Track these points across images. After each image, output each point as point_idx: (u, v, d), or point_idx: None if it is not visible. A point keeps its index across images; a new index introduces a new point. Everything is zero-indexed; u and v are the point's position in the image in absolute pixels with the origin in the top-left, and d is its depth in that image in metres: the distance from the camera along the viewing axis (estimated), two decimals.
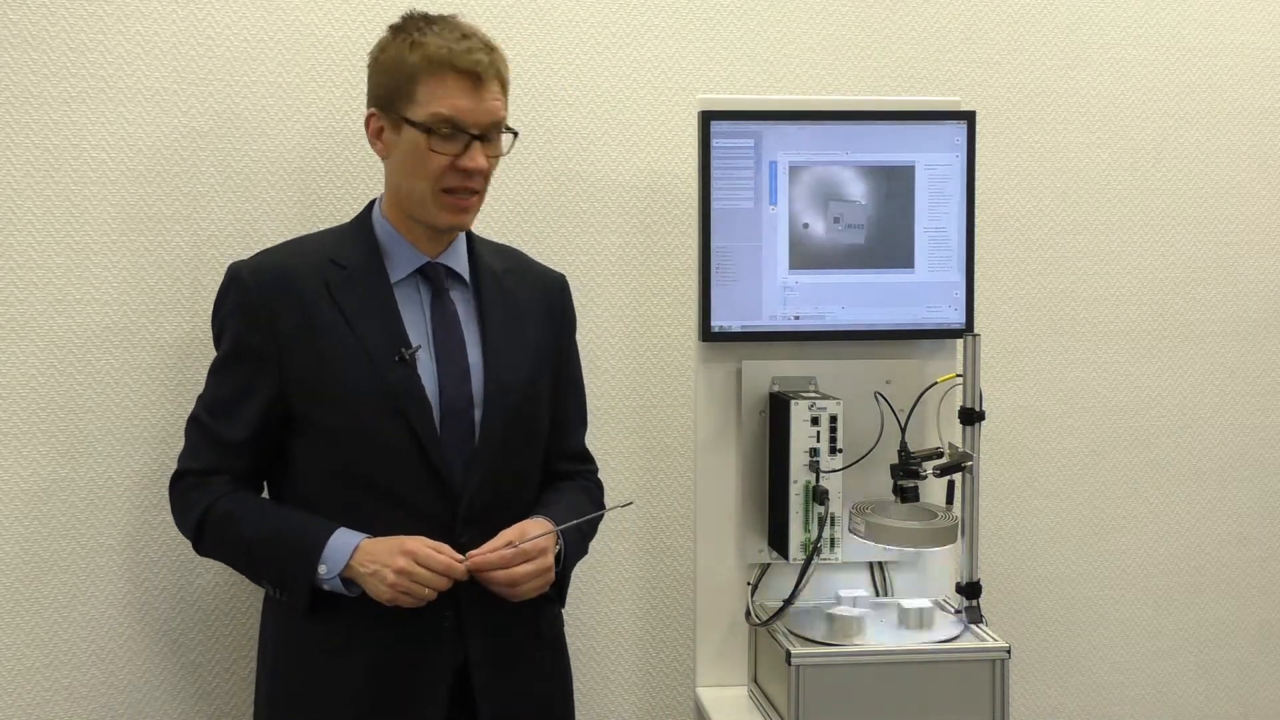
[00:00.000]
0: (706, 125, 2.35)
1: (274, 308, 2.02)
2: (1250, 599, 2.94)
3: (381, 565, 1.94)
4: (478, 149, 2.02)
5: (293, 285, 2.03)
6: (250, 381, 2.03)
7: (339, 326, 2.02)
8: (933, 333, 2.43)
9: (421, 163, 2.01)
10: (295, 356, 2.01)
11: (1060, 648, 2.86)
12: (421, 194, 2.03)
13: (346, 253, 2.07)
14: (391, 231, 2.09)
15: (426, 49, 1.99)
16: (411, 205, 2.06)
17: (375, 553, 1.96)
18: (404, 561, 1.93)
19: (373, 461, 2.01)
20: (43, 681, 2.35)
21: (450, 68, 1.99)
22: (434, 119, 2.00)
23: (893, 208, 2.40)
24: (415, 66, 2.00)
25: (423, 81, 2.00)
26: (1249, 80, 2.87)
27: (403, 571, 1.93)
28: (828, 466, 2.28)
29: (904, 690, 2.17)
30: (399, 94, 2.01)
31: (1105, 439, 2.86)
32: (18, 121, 2.30)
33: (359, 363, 2.00)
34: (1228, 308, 2.90)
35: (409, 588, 1.93)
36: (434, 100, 1.99)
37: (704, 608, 2.44)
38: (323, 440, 2.03)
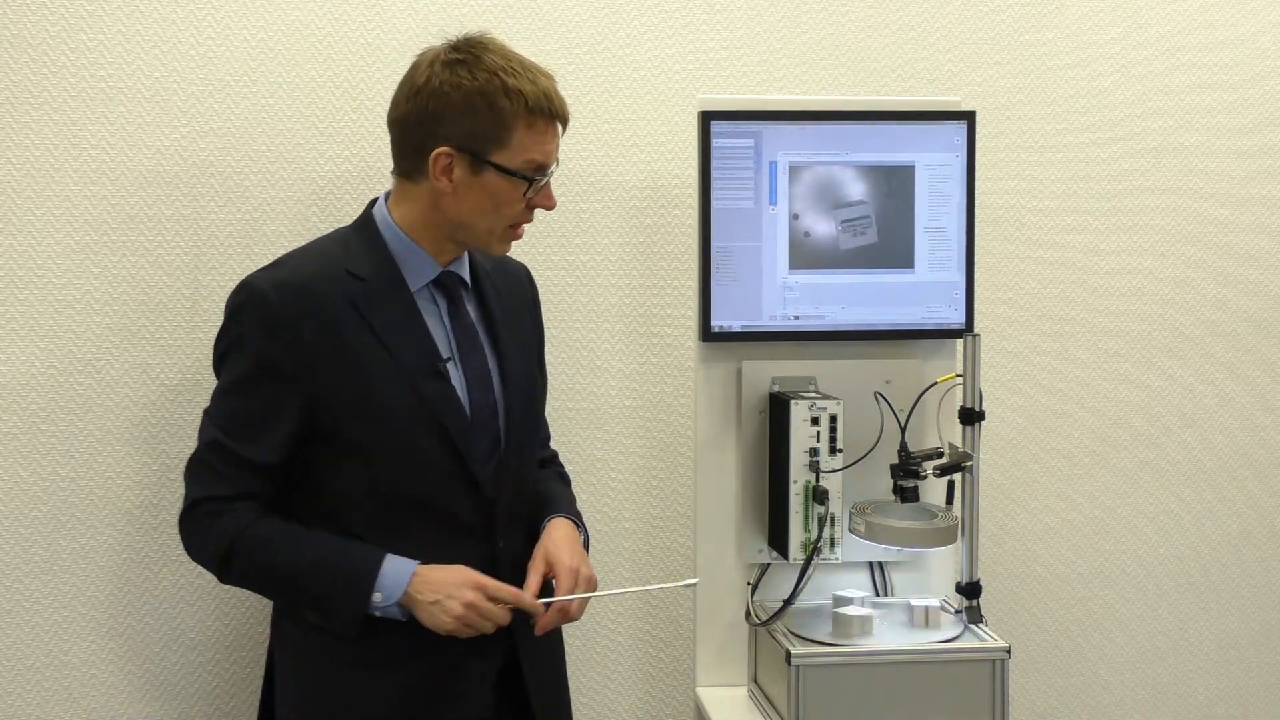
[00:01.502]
0: (706, 125, 2.35)
1: (299, 324, 1.93)
2: (1250, 599, 2.94)
3: (446, 596, 1.92)
4: (550, 188, 2.02)
5: (316, 300, 1.95)
6: (277, 401, 1.95)
7: (368, 341, 1.96)
8: (933, 333, 2.43)
9: (504, 206, 1.99)
10: (324, 374, 1.94)
11: (1060, 648, 2.86)
12: (489, 229, 2.01)
13: (361, 263, 2.00)
14: (406, 241, 2.02)
15: (525, 97, 1.94)
16: (472, 237, 2.02)
17: (436, 582, 1.94)
18: (473, 595, 1.92)
19: (413, 477, 1.98)
20: (43, 681, 2.35)
21: (545, 114, 1.97)
22: (530, 167, 1.97)
23: (893, 208, 2.40)
24: (514, 115, 1.95)
25: (519, 130, 1.95)
26: (1249, 80, 2.87)
27: (472, 605, 1.92)
28: (828, 466, 2.28)
29: (904, 690, 2.17)
30: (488, 139, 1.95)
31: (1105, 439, 2.86)
32: (18, 121, 2.30)
33: (393, 378, 1.96)
34: (1228, 308, 2.90)
35: (475, 621, 1.93)
36: (530, 148, 1.96)
37: (704, 608, 2.44)
38: (359, 459, 1.97)
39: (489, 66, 1.95)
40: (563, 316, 2.56)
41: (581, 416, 2.60)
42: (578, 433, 2.59)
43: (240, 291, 1.98)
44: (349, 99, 2.46)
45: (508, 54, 1.99)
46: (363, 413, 1.95)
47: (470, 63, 1.96)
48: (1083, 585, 2.86)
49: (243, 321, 1.96)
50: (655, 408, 2.64)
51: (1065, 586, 2.86)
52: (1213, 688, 2.93)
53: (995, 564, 2.76)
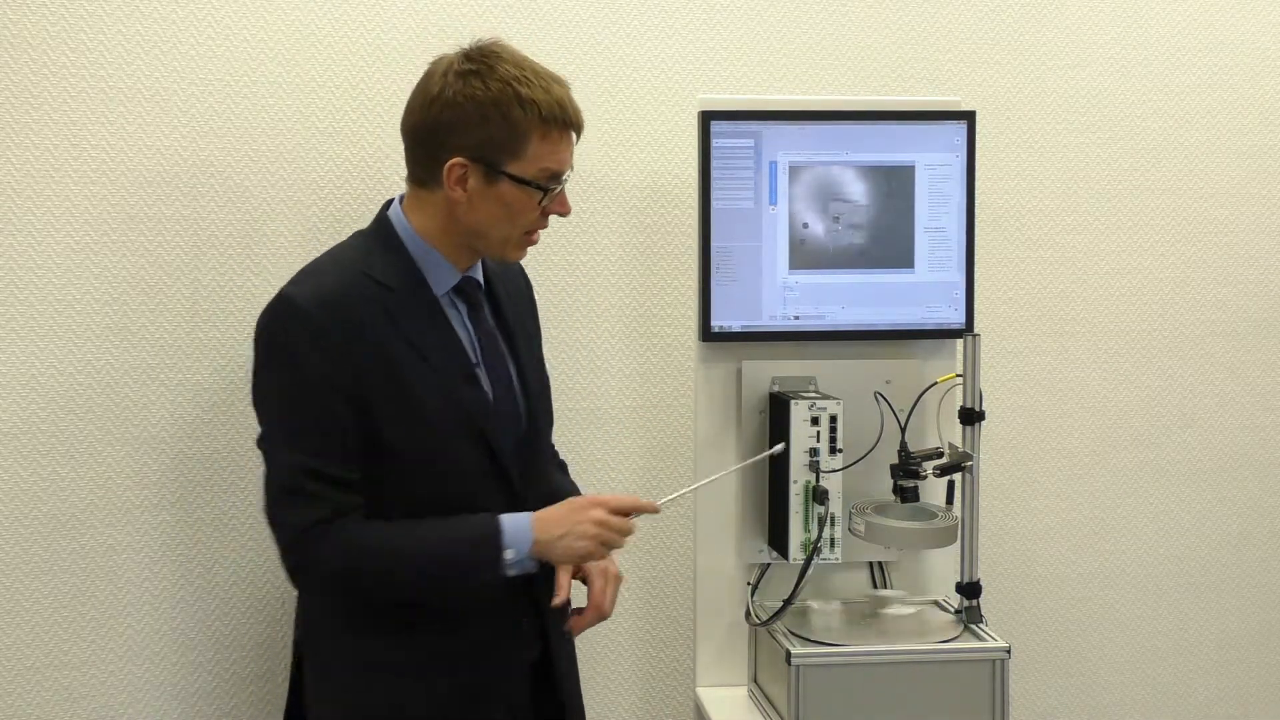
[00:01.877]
0: (706, 125, 2.35)
1: (344, 336, 1.91)
2: (1250, 599, 2.94)
3: (573, 525, 1.96)
4: (565, 194, 2.03)
5: (354, 313, 1.93)
6: (339, 415, 1.92)
7: (403, 349, 1.96)
8: (933, 333, 2.43)
9: (519, 214, 1.99)
10: (369, 383, 1.93)
11: (1060, 648, 2.86)
12: (504, 238, 2.01)
13: (387, 272, 1.99)
14: (427, 248, 2.02)
15: (539, 106, 1.94)
16: (488, 246, 2.03)
17: (556, 518, 1.97)
18: (599, 513, 1.97)
19: (453, 479, 1.99)
20: (43, 681, 2.35)
21: (561, 124, 1.97)
22: (544, 176, 1.97)
23: (893, 208, 2.40)
24: (528, 125, 1.94)
25: (534, 139, 1.95)
26: (1249, 80, 2.87)
27: (602, 523, 1.97)
28: (828, 466, 2.28)
29: (904, 690, 2.17)
30: (503, 149, 1.95)
31: (1105, 439, 2.86)
32: (18, 121, 2.30)
33: (430, 384, 1.96)
34: (1228, 308, 2.90)
35: (610, 537, 1.98)
36: (544, 157, 1.96)
37: (704, 608, 2.44)
38: (400, 464, 1.96)
39: (502, 76, 1.94)
40: (563, 316, 2.56)
41: (581, 416, 2.60)
42: (578, 433, 2.59)
43: (280, 311, 1.94)
44: (349, 99, 2.46)
45: (521, 62, 1.98)
46: (405, 419, 1.95)
47: (484, 72, 1.95)
48: (1083, 585, 2.86)
49: (290, 341, 1.93)
50: (655, 408, 2.64)
51: (1065, 586, 2.86)
52: (1213, 688, 2.93)
53: (995, 564, 2.76)
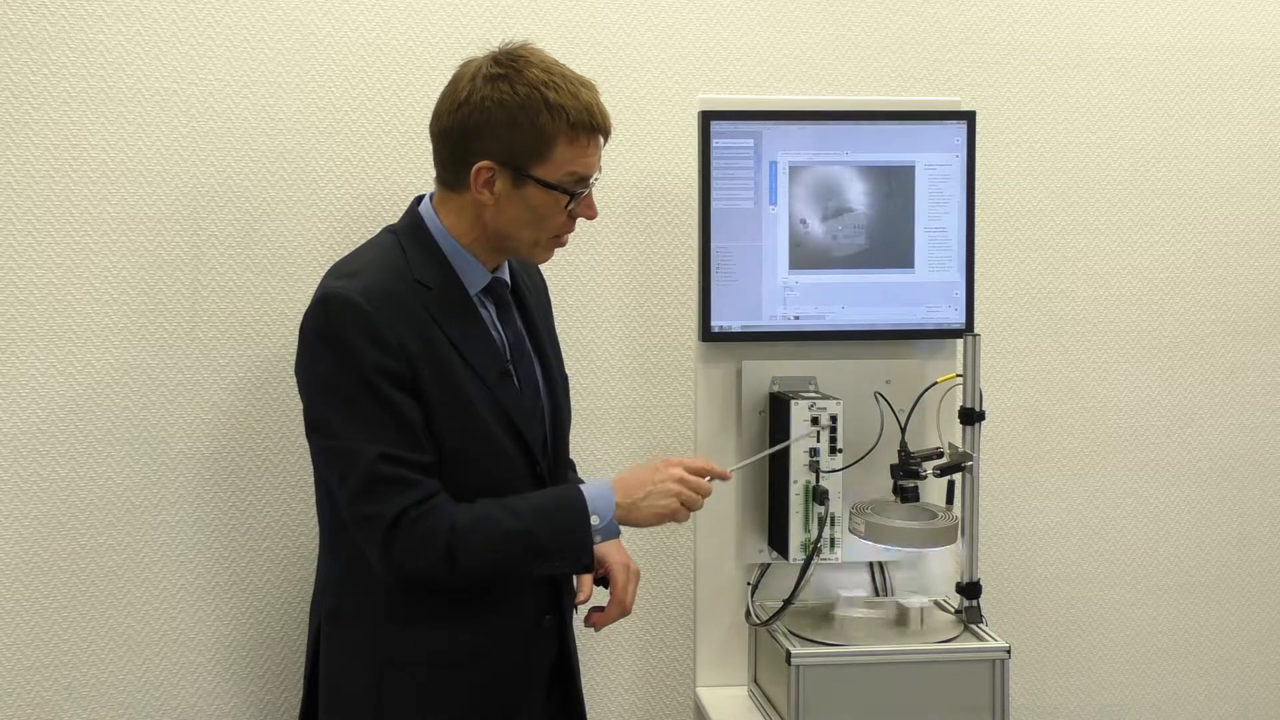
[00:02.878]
0: (706, 125, 2.35)
1: (399, 332, 1.93)
2: (1250, 599, 2.94)
3: (652, 486, 1.99)
4: (591, 197, 2.04)
5: (403, 309, 1.95)
6: (407, 406, 1.93)
7: (449, 349, 1.98)
8: (933, 333, 2.43)
9: (546, 218, 2.00)
10: (424, 379, 1.95)
11: (1060, 648, 2.87)
12: (533, 240, 2.02)
13: (425, 272, 2.00)
14: (460, 249, 2.03)
15: (567, 113, 1.95)
16: (516, 248, 2.04)
17: (634, 480, 2.01)
18: (677, 470, 2.00)
19: (495, 475, 2.00)
20: (43, 681, 2.35)
21: (589, 129, 1.98)
22: (570, 180, 1.98)
23: (893, 208, 2.40)
24: (556, 130, 1.95)
25: (562, 144, 1.96)
26: (1249, 80, 2.87)
27: (681, 480, 2.00)
28: (828, 466, 2.28)
29: (904, 690, 2.17)
30: (531, 154, 1.96)
31: (1105, 439, 2.86)
32: (18, 121, 2.30)
33: (477, 384, 1.99)
34: (1228, 308, 2.90)
35: (690, 497, 2.01)
36: (572, 162, 1.97)
37: (704, 608, 2.44)
38: (450, 459, 1.97)
39: (530, 80, 1.95)
40: (563, 316, 2.54)
41: (581, 416, 2.59)
42: (578, 433, 2.57)
43: (332, 306, 1.94)
44: (349, 99, 2.46)
45: (550, 66, 1.98)
46: (452, 413, 1.97)
47: (512, 77, 1.95)
48: (1083, 585, 2.86)
49: (348, 335, 1.92)
50: (655, 408, 2.64)
51: (1065, 586, 2.86)
52: (1213, 688, 2.93)
53: (995, 564, 2.76)
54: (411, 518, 1.91)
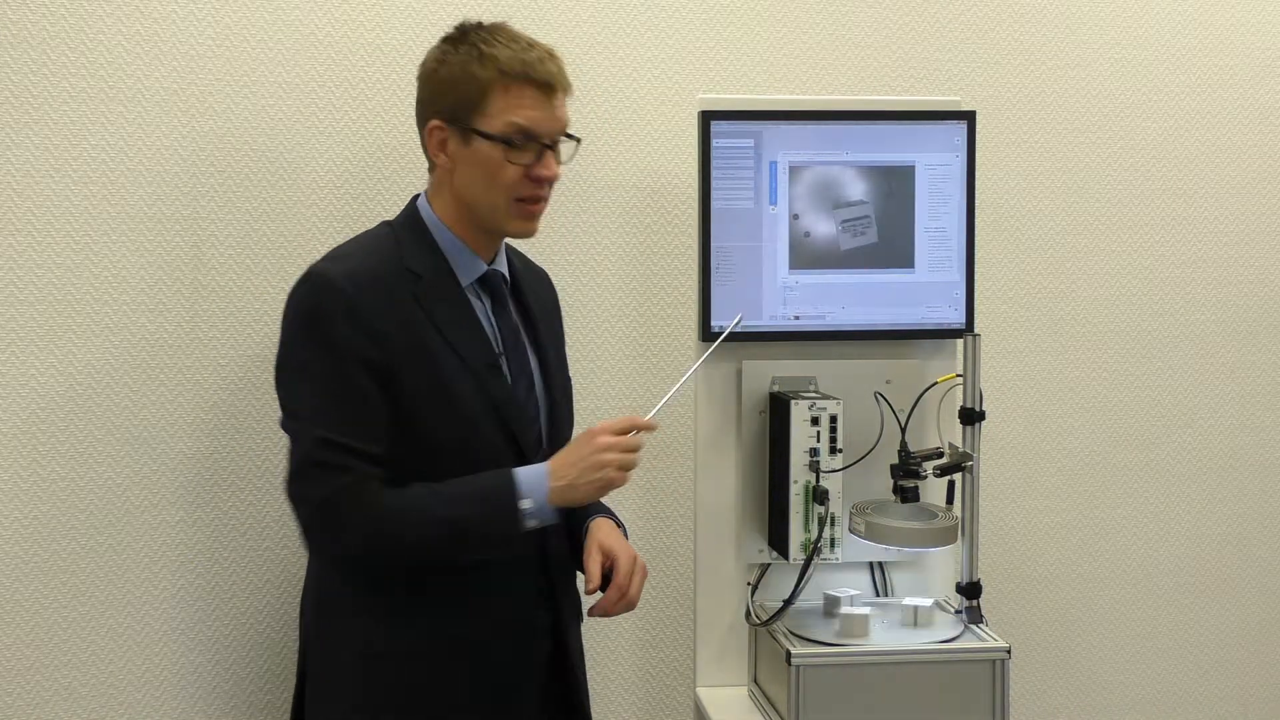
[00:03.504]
0: (706, 125, 2.35)
1: (378, 314, 1.94)
2: (1250, 599, 2.94)
3: (584, 458, 1.97)
4: (551, 157, 2.03)
5: (387, 293, 1.96)
6: (368, 390, 1.94)
7: (433, 335, 1.98)
8: (933, 333, 2.43)
9: (496, 174, 2.00)
10: (401, 365, 1.95)
11: (1060, 648, 2.86)
12: (495, 204, 2.02)
13: (416, 260, 2.02)
14: (453, 238, 2.05)
15: (499, 61, 1.98)
16: (483, 215, 2.04)
17: (565, 460, 1.99)
18: (605, 439, 1.98)
19: (476, 468, 1.99)
20: (43, 681, 2.35)
21: (525, 79, 1.99)
22: (510, 130, 1.99)
23: (893, 208, 2.40)
24: (488, 79, 1.98)
25: (496, 94, 1.98)
26: (1249, 80, 2.87)
27: (608, 446, 1.97)
28: (828, 466, 2.28)
29: (904, 690, 2.17)
30: (469, 106, 1.99)
31: (1105, 439, 2.86)
32: (18, 121, 2.30)
33: (460, 372, 1.99)
34: (1228, 308, 2.90)
35: (622, 458, 1.98)
36: (509, 111, 1.99)
37: (704, 608, 2.44)
38: (427, 449, 1.98)
39: (472, 40, 2.02)
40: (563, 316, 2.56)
41: (582, 416, 2.58)
42: (578, 433, 2.58)
43: (313, 286, 1.96)
44: (349, 99, 2.46)
45: (499, 30, 2.04)
46: (434, 405, 1.97)
47: (458, 40, 2.03)
48: (1083, 585, 2.86)
49: (324, 315, 1.94)
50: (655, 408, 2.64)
51: (1065, 586, 2.86)
52: (1213, 688, 2.93)
53: (995, 564, 2.76)
54: (337, 502, 1.92)
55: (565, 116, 2.05)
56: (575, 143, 2.08)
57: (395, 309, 1.96)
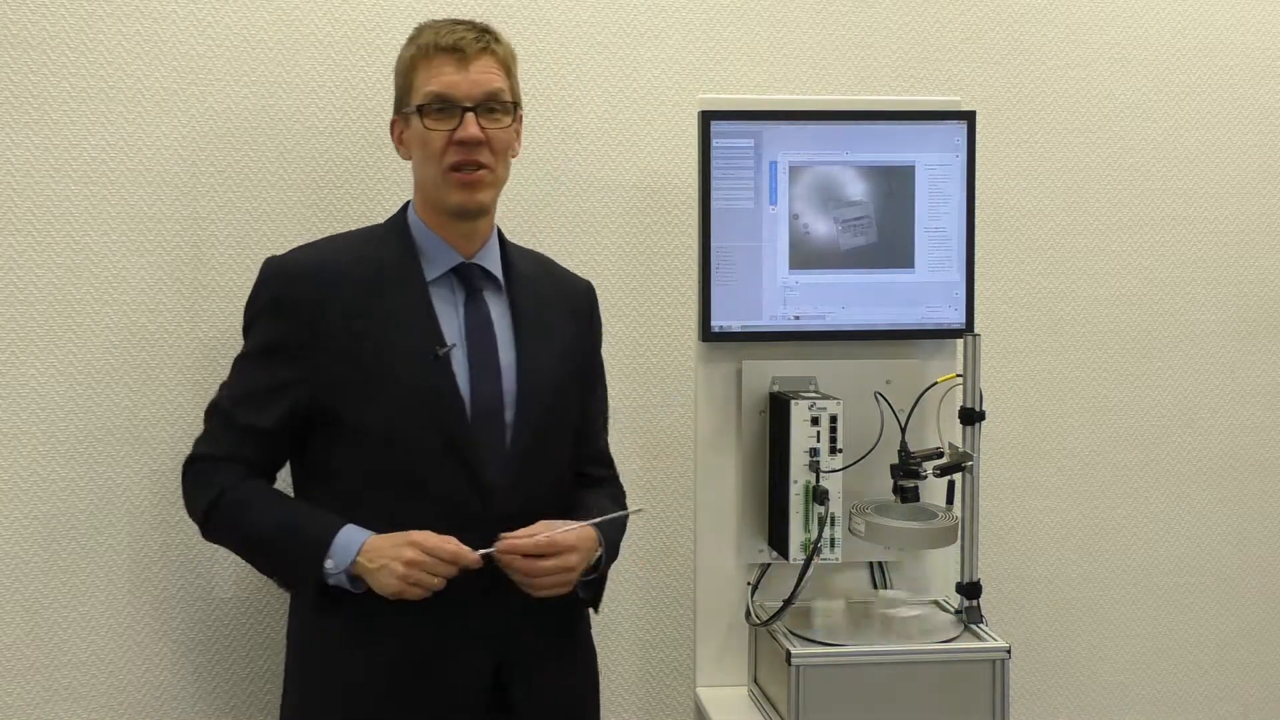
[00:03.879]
0: (706, 125, 2.35)
1: (312, 304, 2.02)
2: (1250, 599, 2.94)
3: (390, 559, 1.94)
4: (471, 119, 2.03)
5: (331, 282, 2.03)
6: (281, 375, 2.03)
7: (376, 324, 2.02)
8: (933, 333, 2.43)
9: (425, 145, 2.05)
10: (332, 354, 2.01)
11: (1060, 648, 2.86)
12: (434, 177, 2.06)
13: (382, 252, 2.08)
14: (426, 231, 2.10)
15: (419, 40, 2.08)
16: (432, 195, 2.08)
17: (381, 548, 1.96)
18: (412, 553, 1.94)
19: (408, 461, 2.01)
20: (43, 681, 2.35)
21: (435, 49, 2.05)
22: (428, 98, 2.05)
23: (893, 208, 2.40)
24: (412, 59, 2.08)
25: (418, 71, 2.06)
26: (1249, 80, 2.87)
27: (412, 563, 1.93)
28: (828, 466, 2.28)
29: (904, 690, 2.17)
30: (404, 90, 2.09)
31: (1105, 439, 2.86)
32: (18, 121, 2.30)
33: (397, 361, 2.01)
34: (1228, 308, 2.90)
35: (419, 578, 1.94)
36: (429, 81, 2.05)
37: (704, 608, 2.44)
38: (357, 438, 2.01)
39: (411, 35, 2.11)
40: None
41: None
42: None
43: (264, 268, 2.09)
44: (349, 99, 2.46)
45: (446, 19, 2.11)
46: (364, 394, 2.00)
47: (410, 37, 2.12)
48: (1083, 585, 2.86)
49: (260, 297, 2.07)
50: (655, 408, 2.64)
51: (1065, 586, 2.86)
52: (1213, 688, 2.93)
53: (995, 564, 2.76)
54: (201, 467, 2.07)
55: (488, 80, 2.06)
56: (510, 110, 2.08)
57: (334, 296, 2.02)
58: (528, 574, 1.98)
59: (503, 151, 2.08)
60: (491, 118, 2.05)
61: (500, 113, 2.07)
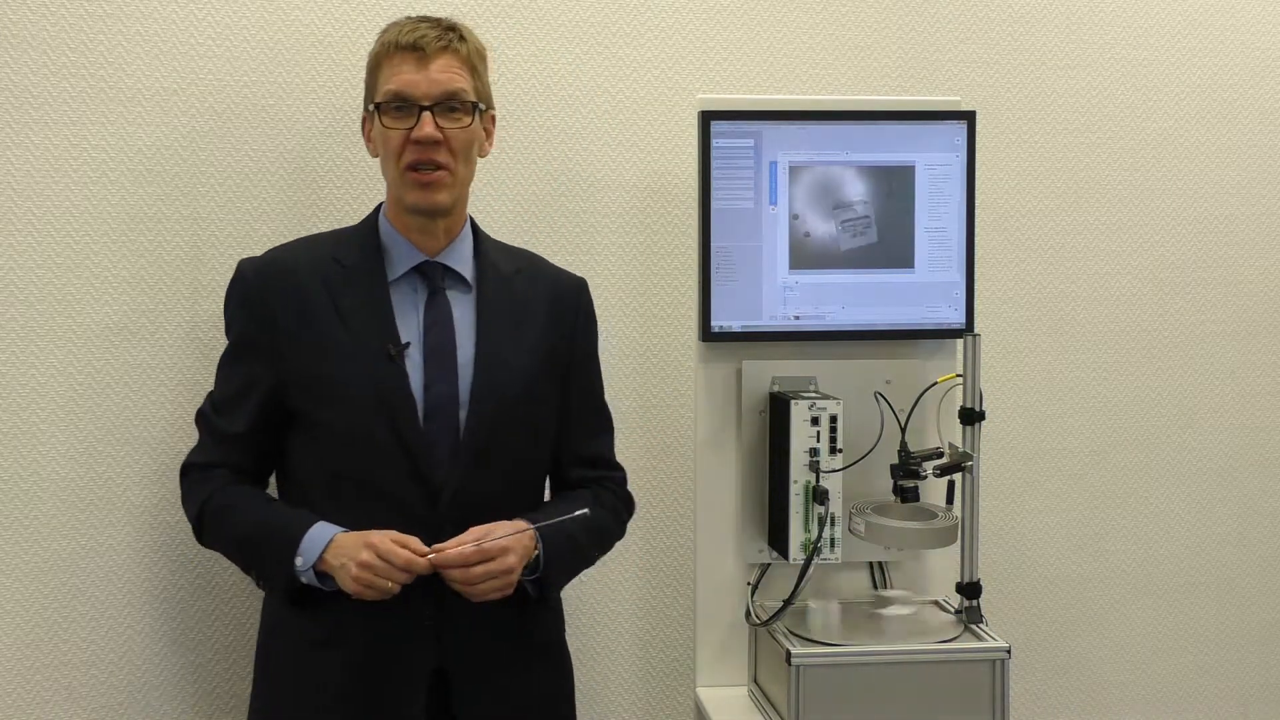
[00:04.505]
0: (706, 125, 2.35)
1: (273, 303, 2.06)
2: (1250, 599, 2.94)
3: (347, 559, 1.95)
4: (427, 119, 2.03)
5: (292, 281, 2.07)
6: (250, 376, 2.08)
7: (333, 323, 2.04)
8: (933, 333, 2.43)
9: (385, 144, 2.06)
10: (292, 352, 2.05)
11: (1060, 648, 2.86)
12: (394, 176, 2.08)
13: (348, 251, 2.11)
14: (391, 230, 2.11)
15: (384, 38, 2.08)
16: (392, 193, 2.11)
17: (345, 546, 1.97)
18: (367, 555, 1.94)
19: (358, 457, 2.03)
20: (43, 681, 2.35)
21: (396, 47, 2.05)
22: (385, 95, 2.05)
23: (893, 208, 2.40)
24: (375, 57, 2.08)
25: (381, 69, 2.07)
26: (1249, 80, 2.87)
27: (365, 565, 1.94)
28: (828, 466, 2.28)
29: (904, 690, 2.17)
30: (369, 89, 2.10)
31: (1105, 439, 2.86)
32: (18, 121, 2.30)
33: (350, 359, 2.03)
34: (1228, 308, 2.90)
35: (371, 580, 1.94)
36: (389, 79, 2.05)
37: (704, 608, 2.44)
38: (315, 436, 2.06)
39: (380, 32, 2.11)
40: None
41: None
42: None
43: (234, 272, 2.13)
44: (349, 99, 2.46)
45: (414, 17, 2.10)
46: (318, 392, 2.04)
47: None
48: (1083, 585, 2.86)
49: (230, 301, 2.13)
50: (655, 408, 2.64)
51: (1065, 586, 2.86)
52: (1213, 688, 2.93)
53: (995, 564, 2.76)
54: (194, 476, 2.12)
55: (448, 79, 2.04)
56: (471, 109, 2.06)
57: (295, 297, 2.05)
58: (464, 581, 1.96)
59: (462, 151, 2.06)
60: (451, 117, 2.05)
61: (461, 112, 2.05)
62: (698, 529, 2.44)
